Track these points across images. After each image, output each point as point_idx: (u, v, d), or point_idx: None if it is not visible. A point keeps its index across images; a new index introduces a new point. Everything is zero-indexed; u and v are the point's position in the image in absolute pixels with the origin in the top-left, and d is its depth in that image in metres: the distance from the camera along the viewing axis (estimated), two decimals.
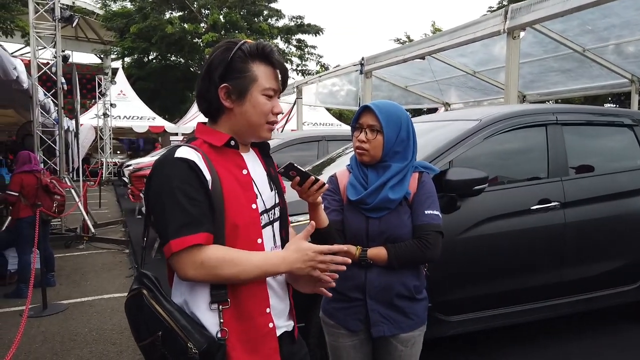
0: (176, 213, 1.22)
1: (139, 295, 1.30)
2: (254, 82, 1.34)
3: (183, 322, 1.24)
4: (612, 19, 6.63)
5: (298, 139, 6.05)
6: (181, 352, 1.22)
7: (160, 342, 1.24)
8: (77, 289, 5.19)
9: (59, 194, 5.57)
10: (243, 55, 1.33)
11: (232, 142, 1.36)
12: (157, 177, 1.28)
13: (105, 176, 18.36)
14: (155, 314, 1.25)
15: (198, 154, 1.29)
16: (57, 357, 3.53)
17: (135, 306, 1.31)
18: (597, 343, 3.51)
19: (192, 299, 1.31)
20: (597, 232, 3.33)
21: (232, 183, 1.32)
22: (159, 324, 1.24)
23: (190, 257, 1.22)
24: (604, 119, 3.75)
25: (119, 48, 25.41)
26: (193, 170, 1.25)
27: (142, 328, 1.29)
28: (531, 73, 8.98)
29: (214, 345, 1.24)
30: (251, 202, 1.34)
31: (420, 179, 1.88)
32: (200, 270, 1.22)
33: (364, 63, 8.64)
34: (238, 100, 1.34)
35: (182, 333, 1.23)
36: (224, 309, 1.29)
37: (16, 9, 17.62)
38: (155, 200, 1.28)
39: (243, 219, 1.31)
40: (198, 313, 1.30)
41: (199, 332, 1.24)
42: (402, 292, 1.83)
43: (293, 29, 26.15)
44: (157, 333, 1.24)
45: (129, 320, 1.35)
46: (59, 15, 8.16)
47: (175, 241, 1.21)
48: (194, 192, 1.24)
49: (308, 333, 2.73)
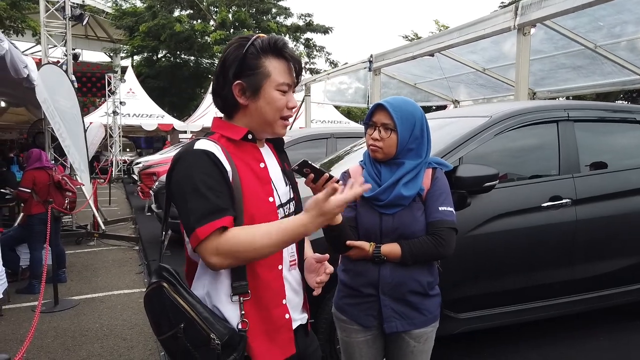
0: (199, 203, 1.23)
1: (159, 289, 1.30)
2: (267, 78, 1.33)
3: (205, 313, 1.26)
4: (624, 15, 6.55)
5: (306, 137, 6.05)
6: (203, 343, 1.23)
7: (182, 333, 1.24)
8: (88, 285, 5.24)
9: (71, 191, 5.62)
10: (255, 51, 1.32)
11: (249, 135, 1.37)
12: (179, 169, 1.28)
13: (115, 174, 18.48)
14: (177, 306, 1.26)
15: (217, 146, 1.31)
16: (68, 352, 3.57)
17: (156, 299, 1.31)
18: (598, 343, 3.48)
19: (214, 291, 1.32)
20: (608, 230, 3.29)
21: (250, 175, 1.33)
22: (181, 316, 1.25)
23: (211, 244, 1.21)
24: (616, 115, 3.71)
25: (129, 46, 25.57)
26: (213, 161, 1.26)
27: (162, 321, 1.30)
28: (542, 70, 8.89)
29: (235, 336, 1.26)
30: (268, 195, 1.36)
31: (434, 175, 1.86)
32: (219, 257, 1.21)
33: (373, 60, 8.61)
34: (252, 97, 1.34)
35: (205, 324, 1.24)
36: (245, 301, 1.30)
37: (27, 7, 17.80)
38: (177, 191, 1.28)
39: (260, 211, 1.32)
40: (219, 305, 1.31)
41: (220, 324, 1.26)
42: (415, 288, 1.82)
43: (302, 27, 26.15)
44: (179, 325, 1.25)
45: (148, 315, 1.36)
46: (69, 13, 8.23)
47: (201, 229, 1.21)
48: (215, 183, 1.25)
49: (317, 329, 2.73)
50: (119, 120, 18.83)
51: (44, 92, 6.73)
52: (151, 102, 21.91)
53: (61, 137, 7.28)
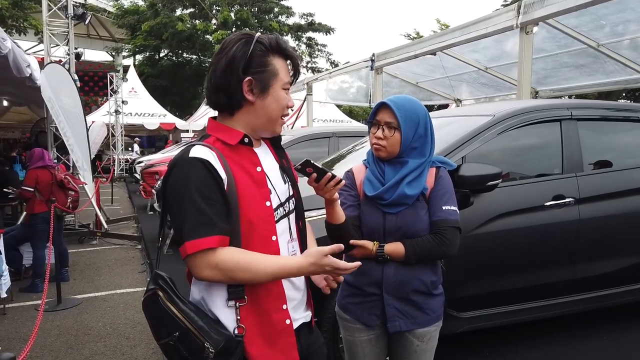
0: (192, 213, 1.23)
1: (155, 296, 1.31)
2: (276, 76, 1.35)
3: (199, 322, 1.26)
4: (627, 13, 6.53)
5: (308, 136, 6.05)
6: (198, 351, 1.24)
7: (176, 341, 1.26)
8: (91, 284, 5.25)
9: (73, 190, 5.62)
10: (264, 49, 1.33)
11: (245, 139, 1.36)
12: (174, 177, 1.29)
13: (117, 173, 18.51)
14: (171, 315, 1.27)
15: (213, 153, 1.30)
16: (72, 350, 3.58)
17: (153, 306, 1.32)
18: (598, 342, 3.47)
19: (210, 296, 1.33)
20: (612, 229, 3.29)
21: (247, 181, 1.33)
22: (176, 325, 1.26)
23: (205, 259, 1.23)
24: (620, 114, 3.70)
25: (131, 45, 25.58)
26: (208, 170, 1.26)
27: (160, 327, 1.31)
28: (544, 69, 8.87)
29: (231, 343, 1.26)
30: (265, 199, 1.35)
31: (438, 174, 1.86)
32: (215, 271, 1.24)
33: (375, 59, 8.61)
34: (261, 94, 1.35)
35: (199, 333, 1.25)
36: (240, 306, 1.30)
37: (29, 7, 17.83)
38: (171, 199, 1.29)
39: (257, 216, 1.33)
40: (215, 310, 1.32)
41: (215, 331, 1.26)
42: (418, 287, 1.82)
43: (304, 26, 26.14)
44: (174, 334, 1.26)
45: (147, 319, 1.37)
46: (71, 12, 8.24)
47: (189, 243, 1.23)
48: (210, 192, 1.25)
49: (320, 328, 2.72)
50: (121, 119, 18.85)
51: (48, 91, 6.75)
52: (153, 101, 21.94)
53: (65, 136, 7.30)
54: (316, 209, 2.46)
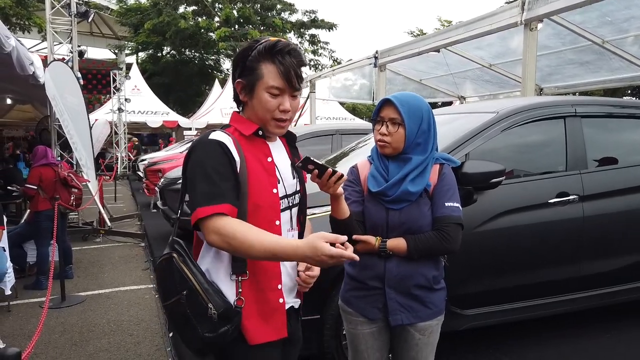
0: (206, 185, 1.37)
1: (170, 259, 1.44)
2: (260, 79, 1.45)
3: (206, 285, 1.39)
4: (632, 10, 6.48)
5: (312, 133, 6.05)
6: (202, 311, 1.37)
7: (184, 300, 1.38)
8: (95, 281, 5.27)
9: (77, 187, 5.64)
10: (256, 54, 1.45)
11: (259, 132, 1.50)
12: (194, 155, 1.43)
13: (121, 170, 18.56)
14: (182, 275, 1.40)
15: (230, 138, 1.45)
16: (76, 347, 3.59)
17: (166, 267, 1.45)
18: (598, 342, 3.46)
19: (214, 269, 1.46)
20: (616, 226, 3.28)
21: (257, 167, 1.46)
22: (185, 284, 1.39)
23: (212, 224, 1.34)
24: (624, 111, 3.68)
25: (133, 43, 25.59)
26: (224, 150, 1.41)
27: (169, 288, 1.43)
28: (549, 66, 8.82)
29: (231, 310, 1.39)
30: (272, 187, 1.48)
31: (441, 170, 1.87)
32: (217, 236, 1.33)
33: (378, 56, 8.58)
34: (249, 95, 1.49)
35: (204, 294, 1.38)
36: (242, 280, 1.43)
37: (33, 5, 17.86)
38: (190, 173, 1.43)
39: (264, 201, 1.45)
40: (219, 282, 1.44)
41: (219, 296, 1.39)
42: (420, 282, 1.84)
43: (307, 23, 26.10)
44: (182, 292, 1.39)
45: (157, 282, 1.56)
46: (74, 10, 8.24)
47: (201, 209, 1.34)
48: (224, 170, 1.39)
49: (323, 324, 2.73)
50: (124, 117, 18.89)
51: (52, 88, 6.76)
52: (156, 99, 21.93)
53: (69, 134, 7.32)
54: (319, 207, 2.47)
